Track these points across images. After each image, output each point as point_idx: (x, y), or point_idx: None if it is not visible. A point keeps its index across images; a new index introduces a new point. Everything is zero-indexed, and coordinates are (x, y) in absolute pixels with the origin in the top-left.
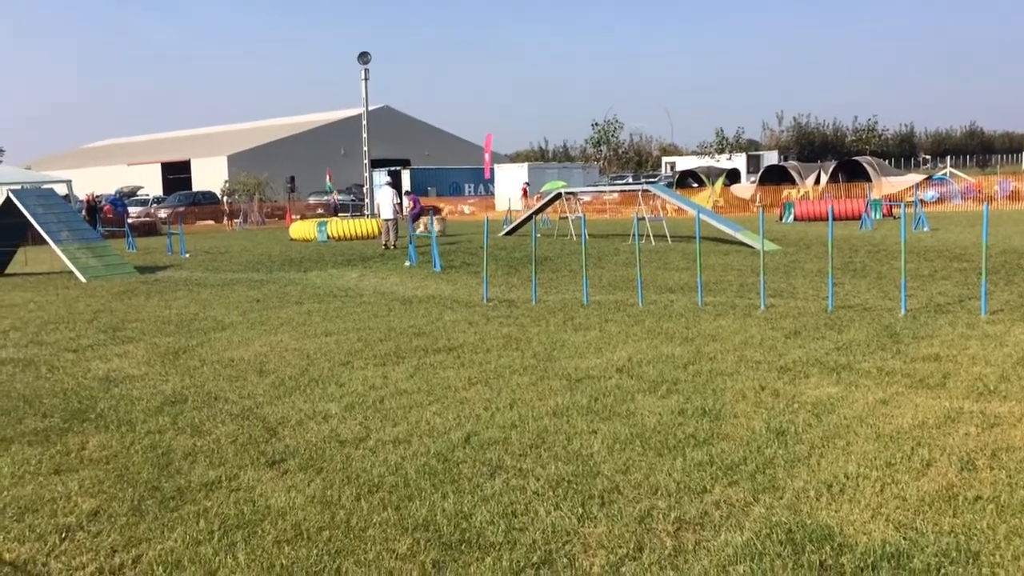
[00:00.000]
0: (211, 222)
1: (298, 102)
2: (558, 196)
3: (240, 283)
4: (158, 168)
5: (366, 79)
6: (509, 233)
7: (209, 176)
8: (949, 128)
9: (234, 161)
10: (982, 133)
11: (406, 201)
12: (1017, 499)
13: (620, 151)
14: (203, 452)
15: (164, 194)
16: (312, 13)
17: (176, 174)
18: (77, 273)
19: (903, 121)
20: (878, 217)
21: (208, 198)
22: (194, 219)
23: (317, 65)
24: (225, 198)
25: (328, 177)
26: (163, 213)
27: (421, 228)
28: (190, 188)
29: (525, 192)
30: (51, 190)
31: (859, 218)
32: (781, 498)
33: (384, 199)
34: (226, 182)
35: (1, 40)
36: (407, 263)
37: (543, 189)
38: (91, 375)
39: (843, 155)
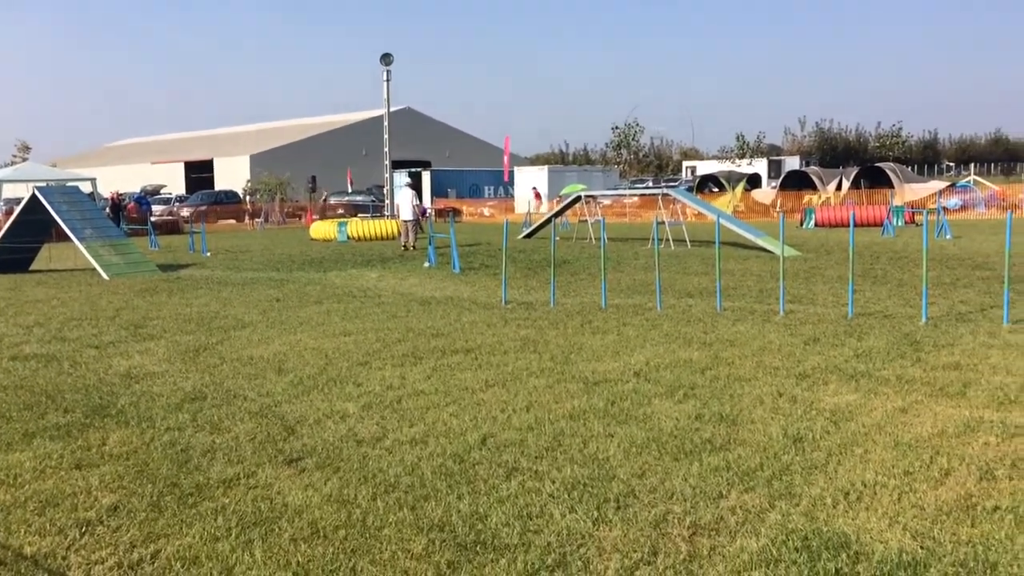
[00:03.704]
0: (233, 221)
1: (320, 103)
2: (577, 199)
3: (260, 282)
4: (181, 167)
5: (388, 80)
6: (528, 236)
7: (231, 175)
8: (974, 135)
9: (256, 161)
10: (1007, 140)
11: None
12: None
13: (640, 155)
14: (222, 449)
15: (187, 193)
16: (334, 15)
17: (199, 173)
18: (100, 270)
19: (927, 127)
20: (900, 224)
21: (230, 197)
22: (216, 218)
23: (339, 66)
24: (247, 197)
25: (348, 176)
26: (185, 212)
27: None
28: (212, 187)
29: (537, 195)
30: (76, 188)
31: (881, 225)
32: (797, 505)
33: (404, 200)
34: (248, 181)
35: (28, 39)
36: (426, 264)
37: (562, 192)
38: (112, 371)
39: (866, 161)
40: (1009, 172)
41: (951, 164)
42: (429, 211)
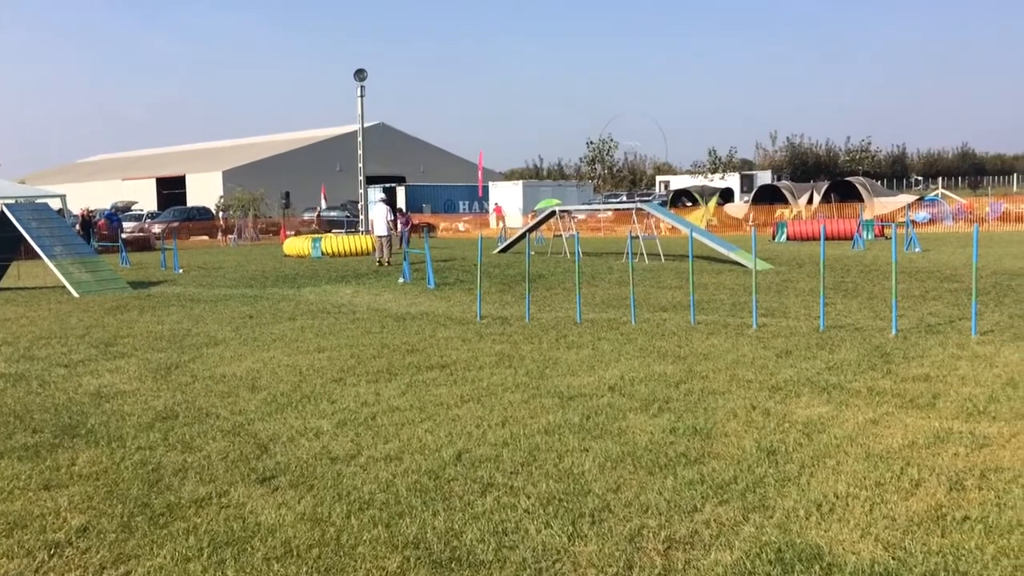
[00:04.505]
0: (205, 237)
1: (294, 118)
2: (552, 214)
3: (233, 299)
4: (153, 183)
5: (362, 96)
6: (503, 251)
7: (204, 191)
8: (941, 149)
9: (229, 176)
10: (974, 155)
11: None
12: (1005, 519)
13: (615, 169)
14: (194, 468)
15: (159, 209)
16: (309, 30)
17: (171, 189)
18: (70, 288)
19: (895, 142)
20: (870, 237)
21: (203, 213)
22: (188, 234)
23: (313, 82)
24: (220, 213)
25: (323, 192)
26: (157, 228)
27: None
28: (185, 203)
29: (499, 212)
30: (45, 204)
31: (851, 238)
32: (771, 517)
33: (378, 216)
34: (221, 197)
35: None
36: (401, 280)
37: (537, 207)
38: (82, 390)
39: (836, 175)
40: (976, 186)
41: (919, 178)
42: (407, 222)
